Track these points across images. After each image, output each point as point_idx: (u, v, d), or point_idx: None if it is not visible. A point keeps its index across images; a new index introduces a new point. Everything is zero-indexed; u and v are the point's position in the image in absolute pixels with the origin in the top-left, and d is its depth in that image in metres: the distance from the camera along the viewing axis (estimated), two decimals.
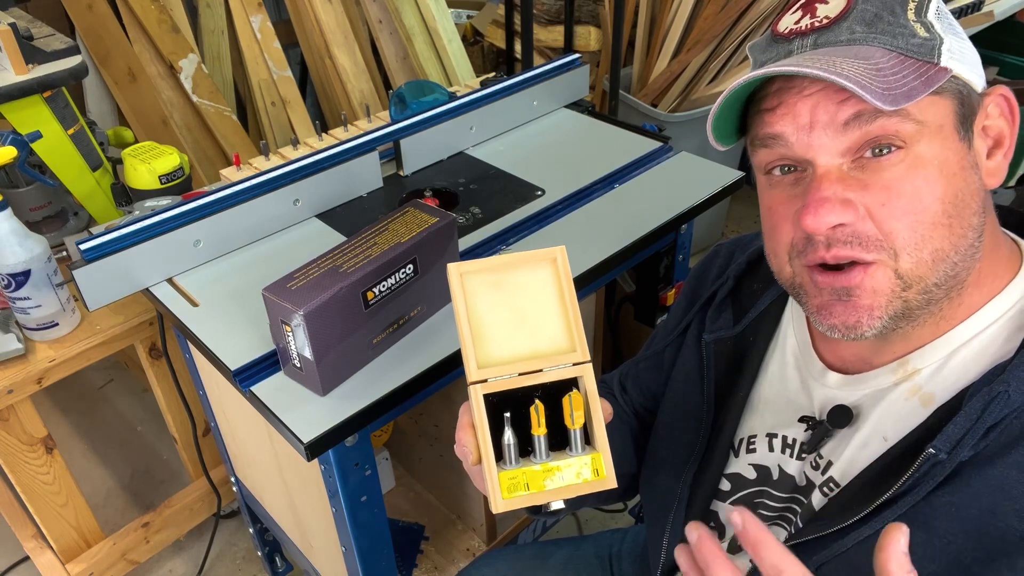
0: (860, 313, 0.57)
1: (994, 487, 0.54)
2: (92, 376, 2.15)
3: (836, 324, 0.58)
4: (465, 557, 1.30)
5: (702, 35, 2.17)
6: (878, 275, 0.56)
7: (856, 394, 0.65)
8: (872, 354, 0.64)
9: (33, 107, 1.24)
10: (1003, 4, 2.31)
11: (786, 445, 0.70)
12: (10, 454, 1.24)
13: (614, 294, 1.43)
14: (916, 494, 0.56)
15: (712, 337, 0.77)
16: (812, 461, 0.67)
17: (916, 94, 0.51)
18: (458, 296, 0.56)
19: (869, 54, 0.54)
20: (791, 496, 0.70)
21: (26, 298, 1.12)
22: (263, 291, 0.81)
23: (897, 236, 0.54)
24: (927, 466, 0.55)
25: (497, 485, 0.53)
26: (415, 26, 2.23)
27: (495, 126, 1.36)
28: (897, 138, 0.54)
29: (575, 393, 0.56)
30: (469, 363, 0.56)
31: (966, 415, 0.55)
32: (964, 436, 0.54)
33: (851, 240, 0.55)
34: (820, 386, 0.68)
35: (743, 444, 0.74)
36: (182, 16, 2.05)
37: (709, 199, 1.18)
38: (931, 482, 0.55)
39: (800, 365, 0.71)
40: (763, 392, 0.73)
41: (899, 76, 0.52)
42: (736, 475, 0.74)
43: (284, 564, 1.60)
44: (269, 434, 1.05)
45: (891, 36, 0.55)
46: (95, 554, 1.42)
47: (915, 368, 0.61)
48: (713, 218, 2.62)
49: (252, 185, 1.10)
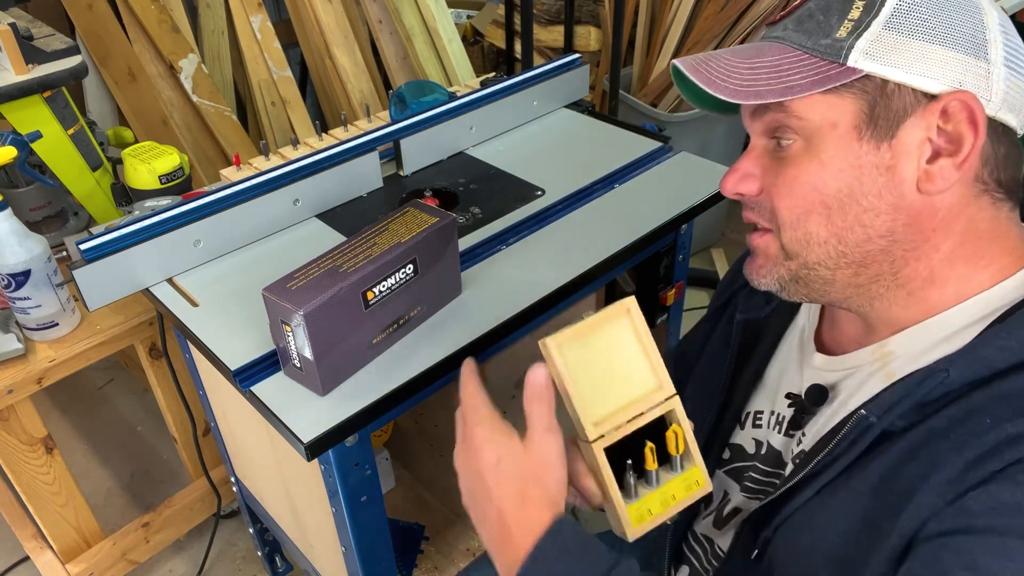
0: (752, 269, 0.67)
1: (915, 456, 0.56)
2: (92, 376, 2.15)
3: (747, 274, 0.68)
4: (465, 557, 1.30)
5: (702, 35, 2.17)
6: (769, 241, 0.64)
7: (835, 375, 0.68)
8: (863, 333, 0.67)
9: (33, 107, 1.24)
10: (1003, 4, 2.31)
11: (776, 422, 0.74)
12: (10, 454, 1.24)
13: (614, 294, 1.43)
14: (848, 457, 0.59)
15: (743, 316, 0.81)
16: (798, 439, 0.71)
17: (776, 95, 0.57)
18: (560, 366, 0.62)
19: (767, 52, 0.60)
20: (774, 471, 0.73)
21: (26, 298, 1.12)
22: (263, 291, 0.81)
23: (779, 213, 0.61)
24: (859, 428, 0.59)
25: (628, 518, 0.62)
26: (415, 26, 2.23)
27: (495, 126, 1.36)
28: (788, 130, 0.59)
29: (676, 427, 0.65)
30: (585, 425, 0.63)
31: (903, 386, 0.58)
32: (896, 404, 0.57)
33: (754, 207, 0.65)
34: (808, 367, 0.71)
35: (749, 417, 0.78)
36: (182, 16, 2.05)
37: (709, 199, 1.18)
38: (861, 444, 0.59)
39: (802, 346, 0.74)
40: (772, 371, 0.77)
41: (776, 74, 0.58)
42: (738, 446, 0.78)
43: (284, 564, 1.60)
44: (269, 434, 1.05)
45: (805, 35, 0.59)
46: (95, 554, 1.42)
47: (891, 351, 0.63)
48: (713, 218, 2.62)
49: (252, 185, 1.10)
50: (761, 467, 0.75)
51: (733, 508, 0.78)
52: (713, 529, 0.81)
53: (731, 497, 0.79)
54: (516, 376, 1.13)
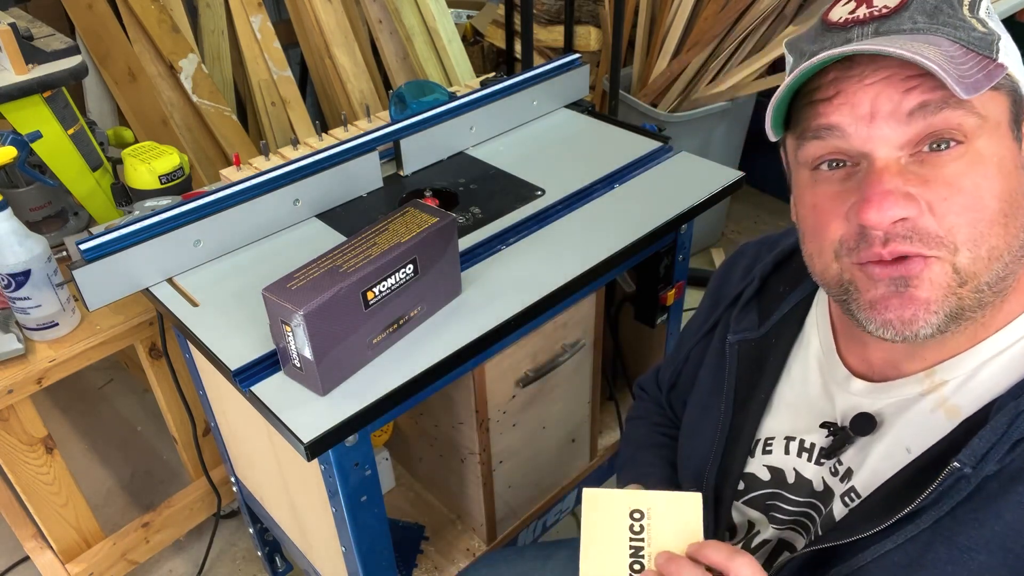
0: (917, 307, 0.54)
1: (1019, 504, 0.53)
2: (92, 376, 2.15)
3: (891, 319, 0.55)
4: (465, 557, 1.30)
5: (702, 35, 2.17)
6: (936, 268, 0.54)
7: (880, 402, 0.63)
8: (904, 359, 0.62)
9: (33, 107, 1.24)
10: (1003, 4, 2.30)
11: (803, 449, 0.70)
12: (10, 454, 1.24)
13: (614, 294, 1.43)
14: (939, 508, 0.55)
15: (737, 338, 0.76)
16: (832, 467, 0.67)
17: (981, 86, 0.50)
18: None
19: (938, 42, 0.52)
20: (808, 501, 0.69)
21: (26, 298, 1.12)
22: (263, 291, 0.81)
23: (958, 232, 0.53)
24: (951, 480, 0.54)
25: None
26: (415, 26, 2.23)
27: (495, 126, 1.36)
28: (959, 132, 0.53)
29: None
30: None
31: (992, 429, 0.54)
32: (990, 450, 0.53)
33: (911, 235, 0.53)
34: (843, 392, 0.66)
35: (759, 445, 0.73)
36: (182, 16, 2.05)
37: (709, 199, 1.18)
38: (955, 496, 0.54)
39: (823, 369, 0.69)
40: (783, 395, 0.73)
41: (967, 67, 0.51)
42: (751, 475, 0.74)
43: (284, 564, 1.60)
44: (269, 434, 1.05)
45: (953, 28, 0.53)
46: (95, 554, 1.42)
47: (942, 380, 0.60)
48: (713, 218, 2.62)
49: (252, 185, 1.10)
50: (790, 496, 0.71)
51: (764, 540, 0.74)
52: None
53: (759, 529, 0.75)
54: (516, 377, 1.13)
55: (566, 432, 1.32)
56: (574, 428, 1.34)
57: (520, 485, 1.29)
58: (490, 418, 1.13)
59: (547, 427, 1.27)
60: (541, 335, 1.12)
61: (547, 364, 1.15)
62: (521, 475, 1.28)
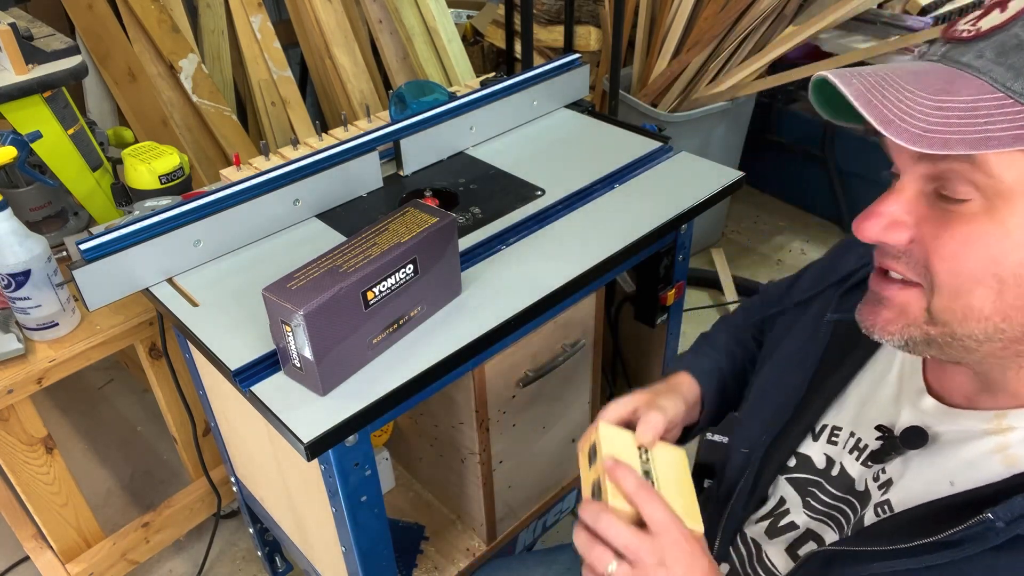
0: (877, 321, 0.58)
1: None
2: (92, 376, 2.15)
3: (861, 320, 0.60)
4: (465, 557, 1.30)
5: (702, 35, 2.17)
6: (912, 298, 0.56)
7: (943, 426, 0.62)
8: (978, 392, 0.61)
9: (33, 107, 1.24)
10: None
11: (856, 447, 0.69)
12: (10, 454, 1.24)
13: (614, 294, 1.43)
14: (959, 550, 0.54)
15: (836, 317, 0.75)
16: (875, 473, 0.66)
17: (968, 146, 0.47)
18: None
19: (959, 85, 0.49)
20: (845, 498, 0.69)
21: (26, 298, 1.12)
22: (263, 291, 0.81)
23: (937, 276, 0.53)
24: (979, 528, 0.53)
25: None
26: (415, 26, 2.23)
27: (495, 126, 1.36)
28: (967, 184, 0.50)
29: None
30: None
31: None
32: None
33: (900, 256, 0.55)
34: (912, 406, 0.66)
35: (825, 431, 0.73)
36: (182, 16, 2.05)
37: (709, 199, 1.18)
38: (978, 545, 0.53)
39: (903, 376, 0.68)
40: (860, 386, 0.72)
41: (970, 119, 0.48)
42: (806, 457, 0.74)
43: (284, 564, 1.60)
44: (269, 434, 1.05)
45: (1012, 73, 0.48)
46: (95, 554, 1.43)
47: (1010, 425, 0.58)
48: (713, 218, 2.62)
49: (252, 185, 1.10)
50: (829, 488, 0.71)
51: (791, 522, 0.74)
52: (764, 536, 0.76)
53: (790, 509, 0.75)
54: (516, 377, 1.13)
55: (566, 432, 1.32)
56: (574, 428, 1.34)
57: (520, 485, 1.29)
58: (490, 418, 1.13)
59: (547, 427, 1.27)
60: (541, 335, 1.12)
61: (547, 364, 1.15)
62: (521, 475, 1.28)
